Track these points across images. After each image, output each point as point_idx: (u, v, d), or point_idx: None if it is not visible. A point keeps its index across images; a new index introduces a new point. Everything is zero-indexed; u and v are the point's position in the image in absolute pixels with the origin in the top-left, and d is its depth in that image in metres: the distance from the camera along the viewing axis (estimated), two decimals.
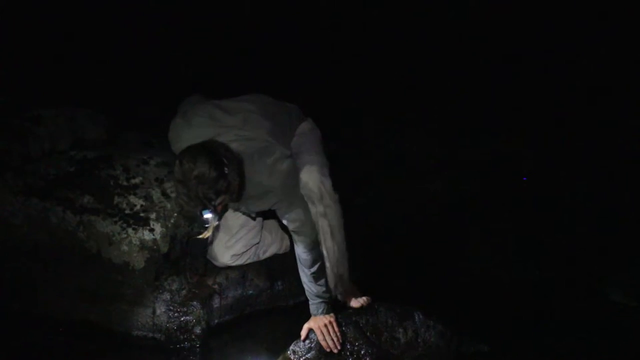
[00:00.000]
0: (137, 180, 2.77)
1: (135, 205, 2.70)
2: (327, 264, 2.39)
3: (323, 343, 2.34)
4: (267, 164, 2.24)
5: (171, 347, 2.51)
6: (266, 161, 2.24)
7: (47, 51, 3.72)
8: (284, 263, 2.90)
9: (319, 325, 2.37)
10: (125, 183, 2.77)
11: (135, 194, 2.72)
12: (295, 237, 2.36)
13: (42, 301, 2.64)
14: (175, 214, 2.69)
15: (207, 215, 2.09)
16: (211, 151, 2.11)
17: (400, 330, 2.45)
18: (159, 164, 2.88)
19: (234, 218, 2.65)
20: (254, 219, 2.68)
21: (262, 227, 2.76)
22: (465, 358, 2.47)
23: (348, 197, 2.85)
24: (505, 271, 3.38)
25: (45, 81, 3.46)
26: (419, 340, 2.45)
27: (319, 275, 2.40)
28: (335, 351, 2.34)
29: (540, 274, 3.36)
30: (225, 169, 2.08)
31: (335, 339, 2.35)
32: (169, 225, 2.66)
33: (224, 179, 2.07)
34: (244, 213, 2.60)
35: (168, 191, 2.75)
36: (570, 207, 4.02)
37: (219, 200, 2.09)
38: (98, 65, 3.85)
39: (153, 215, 2.66)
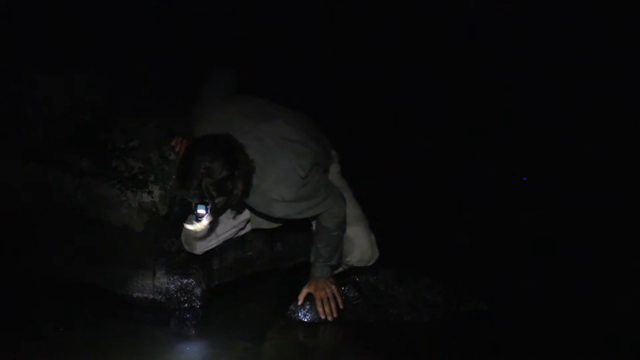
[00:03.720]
0: (135, 143, 2.76)
1: (133, 168, 2.68)
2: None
3: (319, 309, 2.35)
4: (277, 179, 2.17)
5: (172, 308, 2.52)
6: (277, 175, 2.17)
7: (43, 14, 3.67)
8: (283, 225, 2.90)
9: (318, 291, 2.38)
10: (123, 146, 2.75)
11: (133, 157, 2.71)
12: (324, 215, 2.35)
13: (42, 265, 2.65)
14: (174, 176, 2.68)
15: (200, 210, 2.01)
16: (230, 150, 2.05)
17: (400, 289, 2.46)
18: (157, 126, 2.86)
19: (225, 220, 2.59)
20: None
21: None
22: (464, 317, 2.48)
23: (348, 159, 2.84)
24: (505, 231, 3.38)
25: (41, 45, 3.42)
26: (419, 299, 2.46)
27: (338, 243, 2.42)
28: (330, 318, 2.35)
29: (541, 234, 3.37)
30: (236, 172, 2.03)
31: (332, 306, 2.35)
32: (168, 188, 2.65)
33: (231, 181, 2.03)
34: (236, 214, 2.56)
35: (166, 154, 2.74)
36: (574, 170, 4.02)
37: (217, 200, 2.03)
38: (95, 28, 3.81)
39: (152, 178, 2.65)
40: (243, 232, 2.74)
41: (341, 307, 2.37)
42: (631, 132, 4.17)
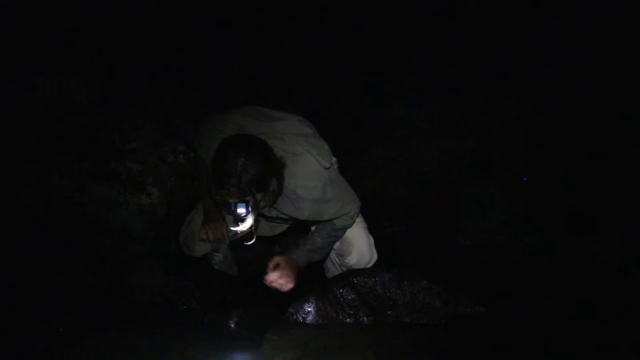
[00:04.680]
0: (133, 145, 2.77)
1: (132, 170, 2.69)
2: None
3: (273, 276, 2.35)
4: (304, 175, 2.19)
5: (170, 310, 2.52)
6: (303, 171, 2.19)
7: (42, 17, 3.68)
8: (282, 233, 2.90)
9: (288, 264, 2.39)
10: (121, 148, 2.76)
11: (132, 159, 2.72)
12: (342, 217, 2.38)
13: (40, 266, 2.65)
14: (172, 178, 2.69)
15: (241, 210, 1.96)
16: (261, 147, 2.04)
17: (398, 292, 2.46)
18: (155, 128, 2.88)
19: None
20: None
21: None
22: (462, 319, 2.48)
23: (347, 162, 2.85)
24: (504, 234, 3.38)
25: (40, 48, 3.43)
26: (417, 301, 2.46)
27: (332, 242, 2.46)
28: (266, 283, 2.36)
29: (539, 237, 3.37)
30: (270, 168, 2.03)
31: (285, 281, 2.37)
32: (166, 190, 2.67)
33: (268, 177, 2.02)
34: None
35: (164, 155, 2.74)
36: (571, 173, 4.01)
37: (258, 197, 2.01)
38: (94, 31, 3.82)
39: (150, 180, 2.66)
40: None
41: (291, 281, 2.39)
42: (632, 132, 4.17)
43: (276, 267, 2.37)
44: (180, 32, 4.22)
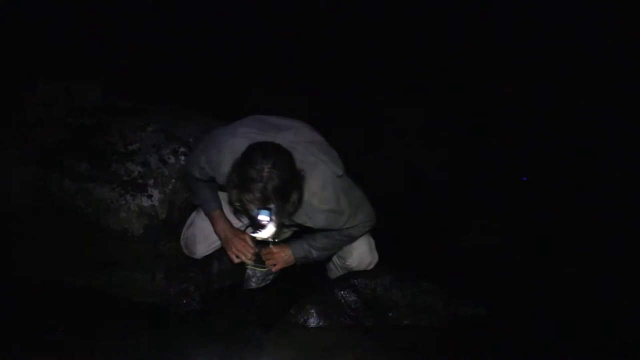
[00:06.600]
0: (134, 147, 2.76)
1: (133, 172, 2.69)
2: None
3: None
4: (318, 185, 2.14)
5: (171, 312, 2.52)
6: (317, 181, 2.13)
7: (42, 18, 3.68)
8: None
9: (281, 254, 2.42)
10: (122, 150, 2.76)
11: (132, 161, 2.71)
12: (358, 226, 2.35)
13: (41, 268, 2.65)
14: (173, 180, 2.69)
15: (263, 217, 1.91)
16: (289, 157, 2.01)
17: (399, 293, 2.47)
18: (156, 130, 2.86)
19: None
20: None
21: None
22: (463, 321, 2.49)
23: (347, 162, 2.85)
24: (503, 236, 3.39)
25: (40, 49, 3.43)
26: (418, 303, 2.46)
27: (334, 246, 2.43)
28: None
29: (539, 238, 3.38)
30: (293, 179, 1.99)
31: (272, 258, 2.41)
32: (167, 192, 2.66)
33: (291, 188, 1.98)
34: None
35: (165, 157, 2.74)
36: (571, 173, 4.02)
37: (280, 206, 1.95)
38: (94, 32, 3.82)
39: (151, 182, 2.66)
40: None
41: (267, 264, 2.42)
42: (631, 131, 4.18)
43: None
44: (181, 34, 4.23)
